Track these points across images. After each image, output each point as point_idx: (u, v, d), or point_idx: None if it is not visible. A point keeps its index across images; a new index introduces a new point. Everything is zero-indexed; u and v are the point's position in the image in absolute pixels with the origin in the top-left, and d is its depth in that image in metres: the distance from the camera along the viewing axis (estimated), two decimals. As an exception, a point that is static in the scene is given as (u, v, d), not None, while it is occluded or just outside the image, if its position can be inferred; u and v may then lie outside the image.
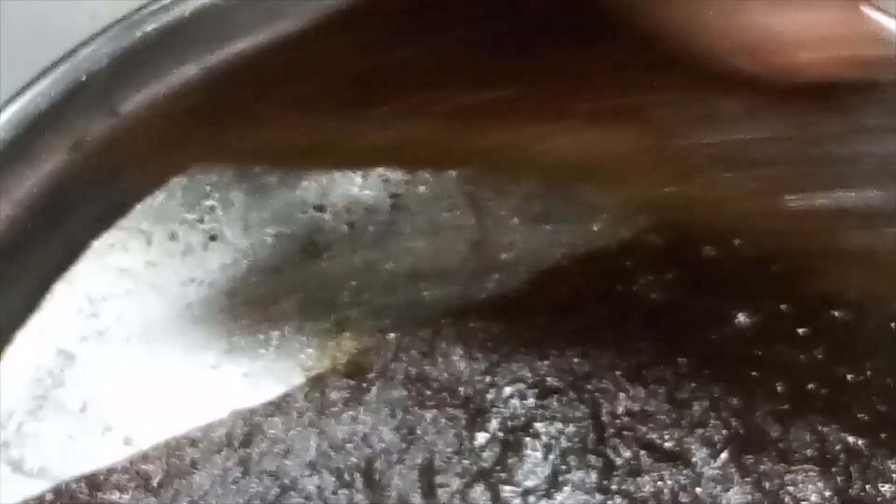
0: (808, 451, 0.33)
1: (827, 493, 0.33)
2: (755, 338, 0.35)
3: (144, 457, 0.34)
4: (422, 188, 0.40)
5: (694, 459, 0.33)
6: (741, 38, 0.26)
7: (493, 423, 0.34)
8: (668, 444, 0.33)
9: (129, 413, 0.36)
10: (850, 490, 0.33)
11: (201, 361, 0.37)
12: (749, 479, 0.33)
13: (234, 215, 0.39)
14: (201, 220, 0.39)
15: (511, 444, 0.34)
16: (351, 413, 0.34)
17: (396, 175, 0.40)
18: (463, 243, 0.39)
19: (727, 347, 0.35)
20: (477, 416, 0.34)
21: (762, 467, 0.33)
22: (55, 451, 0.36)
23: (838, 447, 0.33)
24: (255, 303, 0.38)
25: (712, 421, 0.34)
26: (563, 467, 0.33)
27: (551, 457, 0.33)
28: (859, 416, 0.33)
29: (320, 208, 0.39)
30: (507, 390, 0.34)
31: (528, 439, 0.34)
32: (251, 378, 0.37)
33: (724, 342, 0.35)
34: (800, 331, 0.35)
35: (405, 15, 0.30)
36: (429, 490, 0.33)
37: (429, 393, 0.34)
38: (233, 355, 0.37)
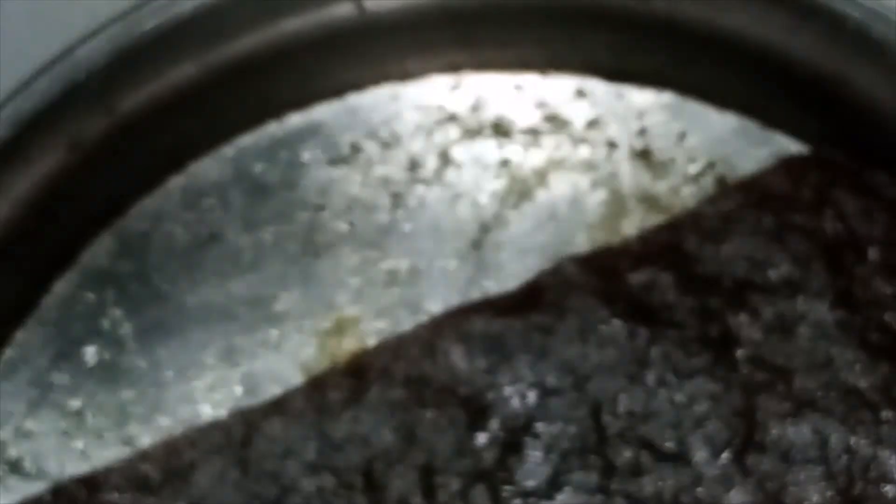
0: (810, 452, 0.33)
1: (828, 494, 0.33)
2: (757, 336, 0.35)
3: (143, 457, 0.34)
4: (422, 188, 0.40)
5: (695, 460, 0.33)
6: None
7: (494, 424, 0.34)
8: (668, 445, 0.33)
9: (127, 413, 0.36)
10: (852, 490, 0.33)
11: (200, 361, 0.37)
12: (750, 480, 0.33)
13: (233, 215, 0.39)
14: (200, 220, 0.39)
15: (511, 444, 0.34)
16: (351, 413, 0.34)
17: (397, 174, 0.40)
18: (463, 243, 0.39)
19: (729, 347, 0.35)
20: (477, 416, 0.34)
21: (763, 468, 0.33)
22: (53, 452, 0.36)
23: (840, 447, 0.33)
24: (254, 302, 0.38)
25: (713, 421, 0.34)
26: (564, 468, 0.33)
27: (552, 457, 0.33)
28: (861, 415, 0.34)
29: (320, 208, 0.39)
30: (507, 390, 0.34)
31: (528, 439, 0.34)
32: (250, 378, 0.37)
33: (725, 342, 0.35)
34: (802, 330, 0.35)
35: None
36: (429, 491, 0.33)
37: (429, 393, 0.34)
38: (232, 355, 0.37)
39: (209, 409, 0.36)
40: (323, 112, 0.41)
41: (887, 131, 0.38)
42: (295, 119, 0.40)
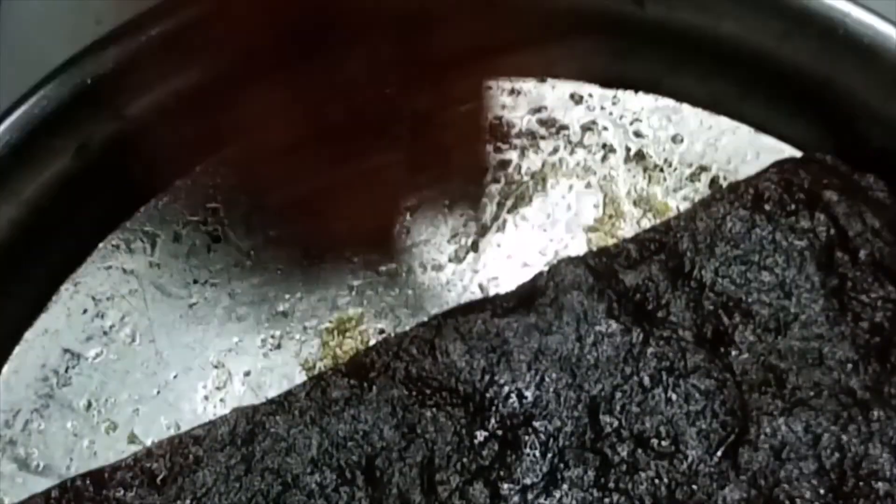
0: (802, 449, 0.33)
1: (821, 491, 0.33)
2: (750, 335, 0.35)
3: (149, 454, 0.34)
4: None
5: (689, 457, 0.33)
6: None
7: (493, 421, 0.34)
8: (664, 442, 0.34)
9: (133, 411, 0.37)
10: (843, 487, 0.33)
11: (205, 360, 0.37)
12: (744, 477, 0.33)
13: (236, 217, 0.40)
14: (204, 222, 0.40)
15: (510, 441, 0.34)
16: (352, 411, 0.34)
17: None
18: (462, 244, 0.39)
19: (723, 346, 0.35)
20: (476, 414, 0.34)
21: (756, 464, 0.33)
22: (61, 449, 0.36)
23: (832, 445, 0.33)
24: (257, 303, 0.38)
25: (707, 419, 0.34)
26: (562, 465, 0.33)
27: (550, 454, 0.34)
28: (853, 413, 0.34)
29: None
30: (507, 389, 0.34)
31: (526, 437, 0.34)
32: (254, 376, 0.37)
33: (719, 341, 0.35)
34: (794, 330, 0.35)
35: None
36: (429, 487, 0.33)
37: (429, 391, 0.35)
38: (235, 354, 0.38)
39: (213, 407, 0.37)
40: (325, 117, 0.41)
41: (877, 135, 0.38)
42: (297, 123, 0.41)
